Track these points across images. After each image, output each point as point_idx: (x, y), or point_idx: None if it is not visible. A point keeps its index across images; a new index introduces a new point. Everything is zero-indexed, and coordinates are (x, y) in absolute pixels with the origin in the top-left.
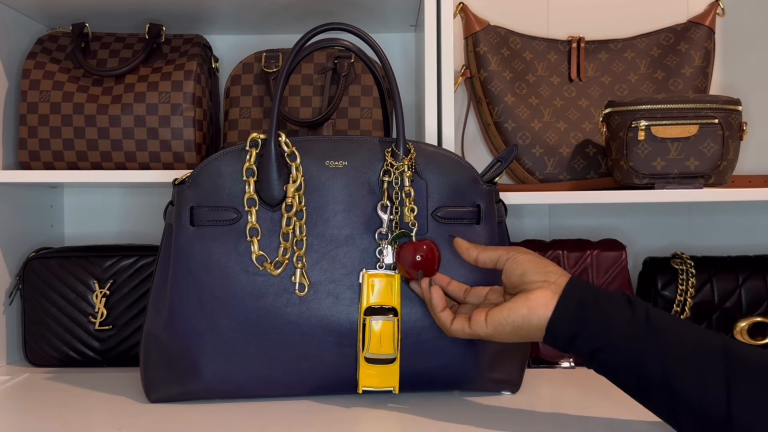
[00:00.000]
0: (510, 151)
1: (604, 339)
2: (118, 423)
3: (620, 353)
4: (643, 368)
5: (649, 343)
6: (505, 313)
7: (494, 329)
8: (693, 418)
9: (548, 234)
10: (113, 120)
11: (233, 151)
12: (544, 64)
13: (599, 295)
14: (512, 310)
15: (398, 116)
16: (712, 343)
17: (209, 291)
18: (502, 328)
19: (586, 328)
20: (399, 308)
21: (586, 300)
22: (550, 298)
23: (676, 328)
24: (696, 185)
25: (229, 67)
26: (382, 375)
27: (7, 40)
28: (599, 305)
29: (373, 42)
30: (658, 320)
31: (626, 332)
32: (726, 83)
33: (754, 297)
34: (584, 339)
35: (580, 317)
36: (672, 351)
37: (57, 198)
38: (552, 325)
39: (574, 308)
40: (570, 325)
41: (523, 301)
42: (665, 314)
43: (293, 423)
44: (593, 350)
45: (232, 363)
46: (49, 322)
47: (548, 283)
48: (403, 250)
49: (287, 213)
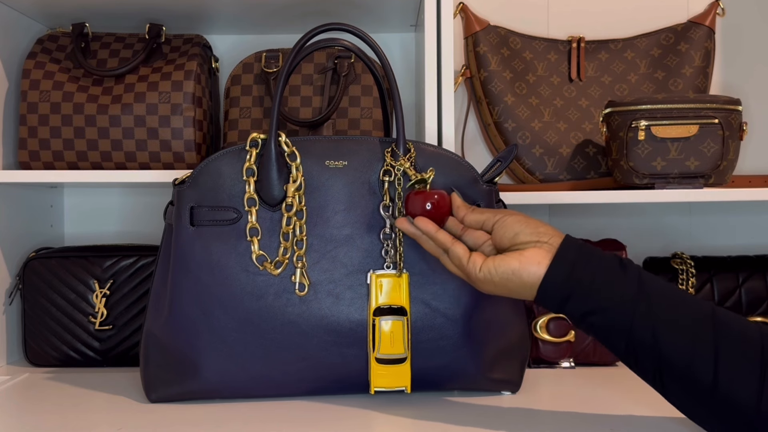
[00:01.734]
0: (510, 151)
1: (596, 302)
2: (118, 423)
3: (611, 316)
4: (632, 332)
5: (640, 306)
6: (497, 262)
7: (484, 276)
8: (680, 382)
9: None
10: (113, 120)
11: (233, 151)
12: (544, 64)
13: (592, 256)
14: (503, 261)
15: (398, 116)
16: (702, 309)
17: (209, 291)
18: (491, 277)
19: (577, 290)
20: (408, 308)
21: (578, 262)
22: (543, 257)
23: (666, 292)
24: (696, 185)
25: (229, 67)
26: (394, 375)
27: (7, 40)
28: (592, 267)
29: (373, 42)
30: (649, 284)
31: (618, 295)
32: (726, 83)
33: (754, 297)
34: (575, 301)
35: (572, 279)
36: (662, 315)
37: (57, 198)
38: (544, 285)
39: (567, 270)
40: (562, 286)
41: (516, 255)
42: (657, 278)
43: (293, 423)
44: (584, 313)
45: (232, 363)
46: (49, 322)
47: (541, 243)
48: (412, 197)
49: (287, 213)
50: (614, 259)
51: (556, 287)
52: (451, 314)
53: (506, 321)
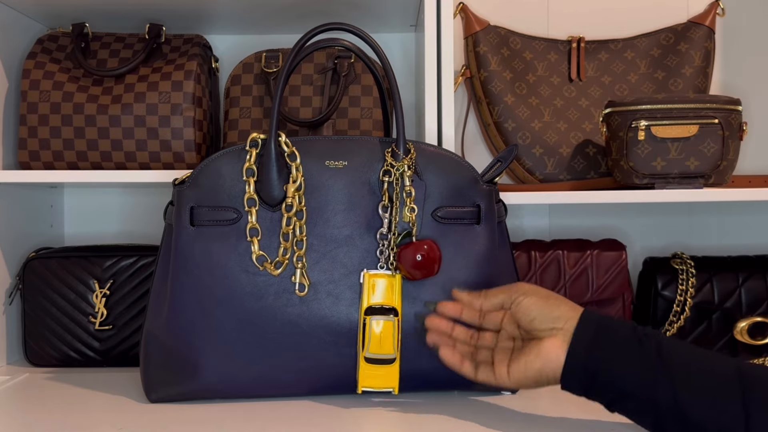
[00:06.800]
0: (510, 151)
1: (617, 389)
2: (118, 423)
3: (635, 398)
4: (657, 408)
5: (662, 380)
6: (522, 368)
7: (517, 382)
8: None
9: (548, 234)
10: (113, 120)
11: (233, 151)
12: (544, 64)
13: (608, 339)
14: (528, 364)
15: (398, 116)
16: (727, 369)
17: (209, 291)
18: (525, 381)
19: (598, 378)
20: (400, 308)
21: (594, 349)
22: (560, 347)
23: (688, 359)
24: (696, 185)
25: (229, 67)
26: (382, 375)
27: (7, 40)
28: (609, 353)
29: (373, 42)
30: (668, 355)
31: (638, 376)
32: (726, 83)
33: (754, 297)
34: (598, 390)
35: (589, 370)
36: (685, 383)
37: (57, 198)
38: (565, 377)
39: (583, 361)
40: (581, 378)
41: (536, 353)
42: (677, 344)
43: (293, 423)
44: (609, 401)
45: (232, 363)
46: (49, 322)
47: (557, 330)
48: (404, 251)
49: (287, 213)
50: (631, 334)
51: (576, 380)
52: None
53: None
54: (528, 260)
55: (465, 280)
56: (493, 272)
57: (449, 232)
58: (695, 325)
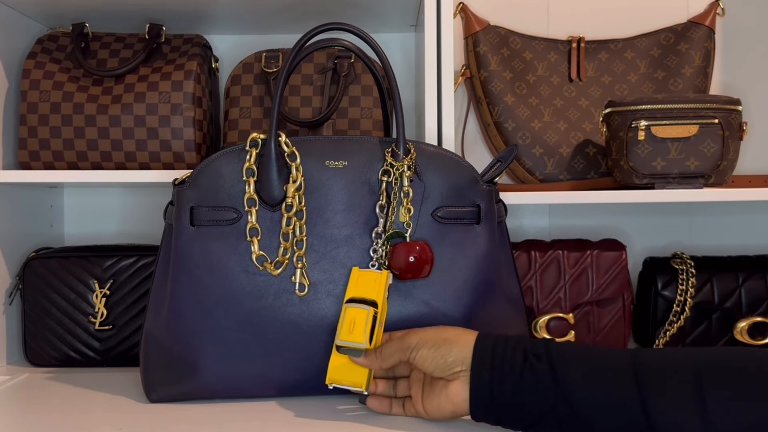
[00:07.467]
0: (510, 151)
1: (527, 413)
2: (118, 423)
3: (543, 420)
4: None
5: (560, 404)
6: (436, 408)
7: (436, 418)
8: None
9: (548, 234)
10: (113, 120)
11: (233, 151)
12: (544, 64)
13: (503, 369)
14: (441, 405)
15: (398, 116)
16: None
17: (209, 291)
18: (443, 418)
19: (505, 409)
20: (380, 303)
21: (494, 382)
22: (464, 389)
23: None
24: (696, 185)
25: (229, 67)
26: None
27: (7, 40)
28: (508, 384)
29: (373, 42)
30: (562, 375)
31: (538, 402)
32: (726, 83)
33: (754, 297)
34: (509, 420)
35: (497, 401)
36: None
37: (57, 198)
38: (475, 414)
39: (487, 397)
40: (491, 411)
41: (445, 396)
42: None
43: (293, 423)
44: (524, 427)
45: (232, 363)
46: (49, 322)
47: (456, 374)
48: (396, 251)
49: (287, 213)
50: (523, 363)
51: (486, 415)
52: (452, 314)
53: (506, 320)
54: (528, 260)
55: (465, 280)
56: (493, 272)
57: (449, 232)
58: (695, 325)
